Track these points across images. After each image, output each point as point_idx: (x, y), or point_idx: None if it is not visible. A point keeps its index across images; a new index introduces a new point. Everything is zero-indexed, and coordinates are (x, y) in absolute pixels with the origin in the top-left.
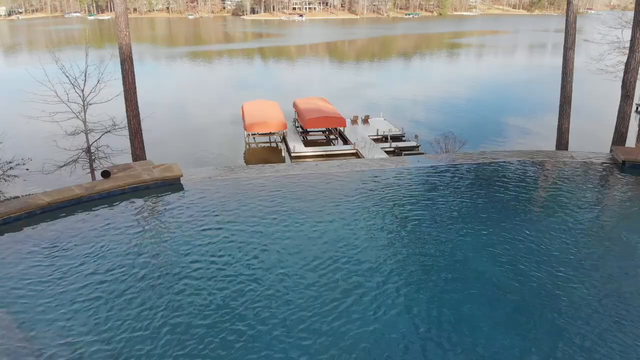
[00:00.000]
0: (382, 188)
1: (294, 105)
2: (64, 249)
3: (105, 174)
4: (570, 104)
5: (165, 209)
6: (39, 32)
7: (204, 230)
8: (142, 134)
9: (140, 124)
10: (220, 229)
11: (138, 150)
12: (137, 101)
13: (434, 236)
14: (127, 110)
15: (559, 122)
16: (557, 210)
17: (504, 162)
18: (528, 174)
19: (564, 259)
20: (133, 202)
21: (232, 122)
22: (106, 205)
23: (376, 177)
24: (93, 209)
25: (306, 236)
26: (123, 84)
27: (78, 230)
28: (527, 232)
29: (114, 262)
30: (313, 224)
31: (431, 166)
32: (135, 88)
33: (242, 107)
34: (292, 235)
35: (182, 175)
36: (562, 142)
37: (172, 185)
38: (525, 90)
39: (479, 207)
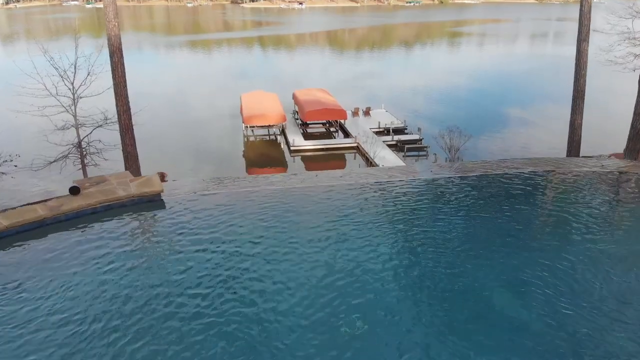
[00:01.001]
0: (390, 204)
1: (294, 96)
2: (17, 288)
3: (74, 191)
4: (584, 99)
5: (141, 232)
6: (36, 20)
7: (185, 260)
8: (133, 129)
9: (131, 119)
10: (204, 255)
11: (129, 146)
12: (127, 95)
13: (450, 268)
14: (117, 105)
15: (571, 117)
16: (597, 234)
17: (527, 172)
18: (556, 188)
19: (614, 299)
20: (105, 224)
21: (230, 114)
22: (73, 229)
23: (383, 191)
24: (57, 233)
25: (302, 270)
26: (112, 77)
27: (37, 262)
28: (564, 264)
29: (76, 305)
30: (312, 252)
31: (445, 177)
32: (125, 81)
33: (241, 99)
34: (283, 267)
35: (162, 191)
36: (574, 138)
37: (151, 202)
38: (527, 81)
39: (502, 228)
